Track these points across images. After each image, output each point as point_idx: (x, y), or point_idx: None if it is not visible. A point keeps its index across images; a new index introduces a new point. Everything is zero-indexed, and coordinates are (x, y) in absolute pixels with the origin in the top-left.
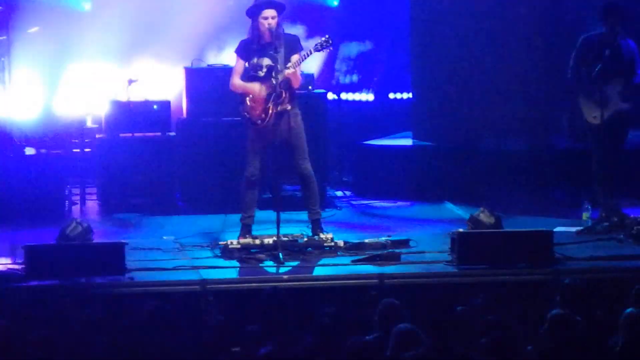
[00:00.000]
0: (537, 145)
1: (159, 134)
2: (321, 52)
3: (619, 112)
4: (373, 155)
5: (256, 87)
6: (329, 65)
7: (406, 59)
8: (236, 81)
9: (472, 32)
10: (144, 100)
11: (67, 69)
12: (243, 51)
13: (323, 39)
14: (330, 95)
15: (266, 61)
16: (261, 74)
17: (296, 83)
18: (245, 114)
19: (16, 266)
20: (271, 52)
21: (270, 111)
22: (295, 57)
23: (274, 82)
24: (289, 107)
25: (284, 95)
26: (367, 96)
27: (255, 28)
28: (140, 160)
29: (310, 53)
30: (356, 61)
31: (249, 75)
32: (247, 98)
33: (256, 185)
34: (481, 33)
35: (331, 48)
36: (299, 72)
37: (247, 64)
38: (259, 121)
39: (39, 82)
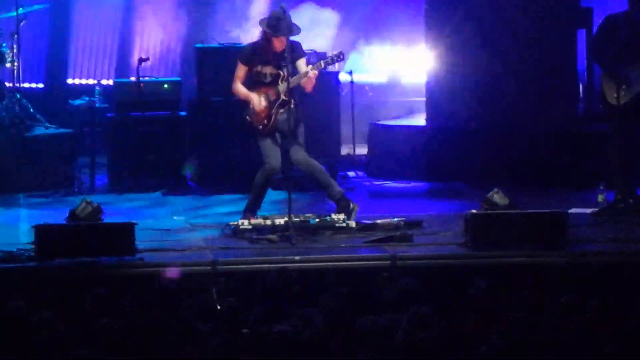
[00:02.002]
0: (552, 126)
1: (169, 113)
2: (332, 65)
3: None
4: (386, 136)
5: (258, 97)
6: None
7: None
8: (239, 87)
9: (485, 13)
10: (154, 79)
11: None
12: (248, 57)
13: (336, 52)
14: (344, 76)
15: (271, 69)
16: (267, 80)
17: (309, 88)
18: (248, 117)
19: (27, 246)
20: (276, 59)
21: (273, 117)
22: (302, 65)
23: (280, 89)
24: (292, 109)
25: (291, 103)
26: (379, 77)
27: (266, 39)
28: (150, 139)
29: (322, 66)
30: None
31: (254, 80)
32: (251, 104)
33: (272, 180)
34: (495, 14)
35: (343, 61)
36: (313, 77)
37: (254, 71)
38: (261, 127)
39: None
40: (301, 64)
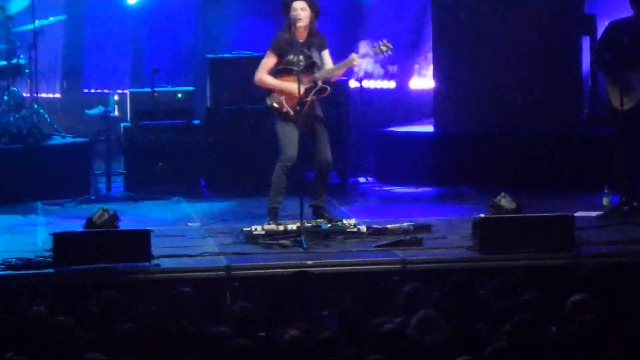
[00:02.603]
0: (557, 130)
1: (183, 121)
2: (380, 56)
3: None
4: (395, 142)
5: (293, 85)
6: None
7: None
8: (265, 77)
9: (491, 20)
10: (168, 89)
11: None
12: (280, 46)
13: (383, 43)
14: (353, 83)
15: (302, 57)
16: (298, 68)
17: (336, 77)
18: (275, 104)
19: (45, 253)
20: (304, 48)
21: (308, 104)
22: (326, 57)
23: (316, 76)
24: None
25: (327, 90)
26: (389, 84)
27: (287, 24)
28: (164, 147)
29: (371, 55)
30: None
31: (281, 69)
32: (278, 92)
33: (289, 171)
34: (500, 21)
35: (390, 53)
36: (342, 71)
37: (284, 60)
38: (293, 112)
39: (63, 66)
40: (325, 55)
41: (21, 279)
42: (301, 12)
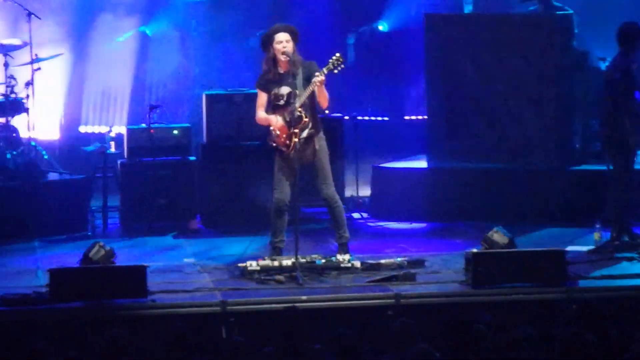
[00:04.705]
0: (549, 165)
1: (179, 158)
2: (334, 71)
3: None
4: (389, 178)
5: (277, 117)
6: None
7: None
8: (260, 114)
9: (484, 56)
10: (164, 126)
11: (89, 89)
12: (263, 84)
13: (335, 57)
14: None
15: (285, 90)
16: (282, 102)
17: (324, 102)
18: (272, 143)
19: (41, 289)
20: (289, 79)
21: (294, 138)
22: (317, 74)
23: (293, 107)
24: (313, 132)
25: (305, 118)
26: (383, 118)
27: (270, 58)
28: (161, 184)
29: (325, 73)
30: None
31: (273, 105)
32: (272, 128)
33: (285, 211)
34: (493, 56)
35: (343, 66)
36: (324, 90)
37: (272, 94)
38: (285, 148)
39: (62, 104)
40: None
41: (18, 314)
42: (287, 44)
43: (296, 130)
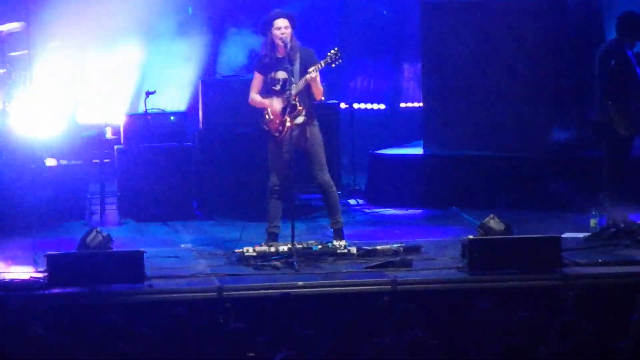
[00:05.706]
0: (545, 152)
1: (175, 144)
2: (332, 65)
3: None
4: (385, 165)
5: (272, 102)
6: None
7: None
8: (254, 96)
9: (480, 43)
10: (161, 112)
11: (87, 79)
12: (260, 66)
13: (333, 51)
14: (343, 105)
15: (281, 75)
16: (277, 87)
17: (318, 95)
18: (265, 126)
19: (39, 274)
20: (287, 65)
21: (287, 124)
22: (311, 70)
23: (289, 94)
24: (306, 119)
25: (299, 107)
26: (379, 105)
27: (268, 42)
28: (158, 170)
29: (322, 67)
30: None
31: (268, 89)
32: (265, 112)
33: (279, 195)
34: (489, 44)
35: (340, 61)
36: (319, 84)
37: (268, 78)
38: (277, 133)
39: (59, 95)
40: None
41: (16, 300)
42: (285, 30)
43: (289, 117)
